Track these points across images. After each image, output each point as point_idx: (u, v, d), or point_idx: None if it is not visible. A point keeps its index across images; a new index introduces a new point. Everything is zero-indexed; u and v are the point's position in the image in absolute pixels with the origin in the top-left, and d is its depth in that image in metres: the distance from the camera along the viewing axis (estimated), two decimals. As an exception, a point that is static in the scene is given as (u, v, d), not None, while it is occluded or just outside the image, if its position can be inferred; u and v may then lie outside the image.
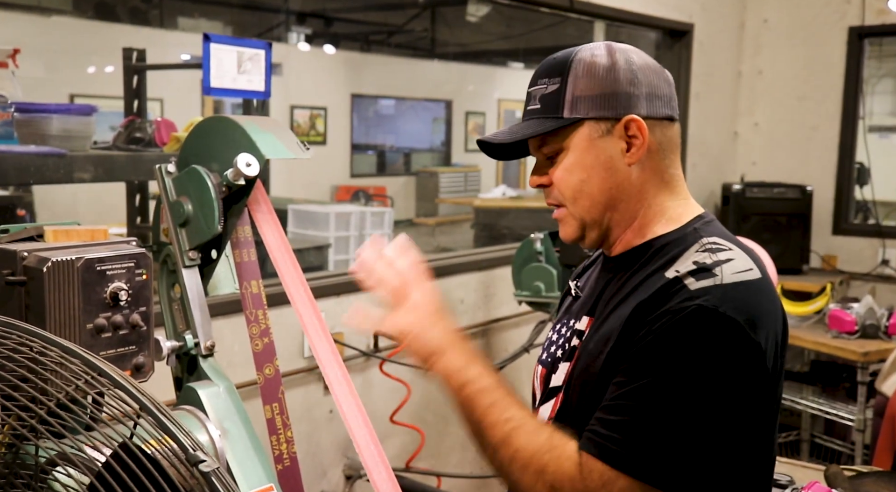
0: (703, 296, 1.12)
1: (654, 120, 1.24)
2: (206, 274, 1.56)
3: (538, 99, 1.27)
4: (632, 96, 1.22)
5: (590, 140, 1.23)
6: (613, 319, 1.22)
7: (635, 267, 1.25)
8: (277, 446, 1.58)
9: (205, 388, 1.46)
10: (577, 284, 1.44)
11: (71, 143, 2.22)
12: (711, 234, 1.24)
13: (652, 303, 1.16)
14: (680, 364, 1.11)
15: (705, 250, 1.20)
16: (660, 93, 1.25)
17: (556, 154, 1.26)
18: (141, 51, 2.79)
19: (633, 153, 1.23)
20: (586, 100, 1.22)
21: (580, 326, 1.32)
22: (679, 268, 1.18)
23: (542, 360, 1.40)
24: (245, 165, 1.44)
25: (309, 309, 1.55)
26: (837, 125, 4.44)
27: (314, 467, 2.71)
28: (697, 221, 1.27)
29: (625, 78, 1.23)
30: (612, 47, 1.26)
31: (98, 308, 1.27)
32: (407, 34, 10.93)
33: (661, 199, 1.27)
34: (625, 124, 1.22)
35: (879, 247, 4.39)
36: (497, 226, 8.51)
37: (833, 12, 4.39)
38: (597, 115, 1.22)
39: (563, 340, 1.36)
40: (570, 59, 1.25)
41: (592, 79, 1.23)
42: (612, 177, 1.24)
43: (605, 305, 1.27)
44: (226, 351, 2.32)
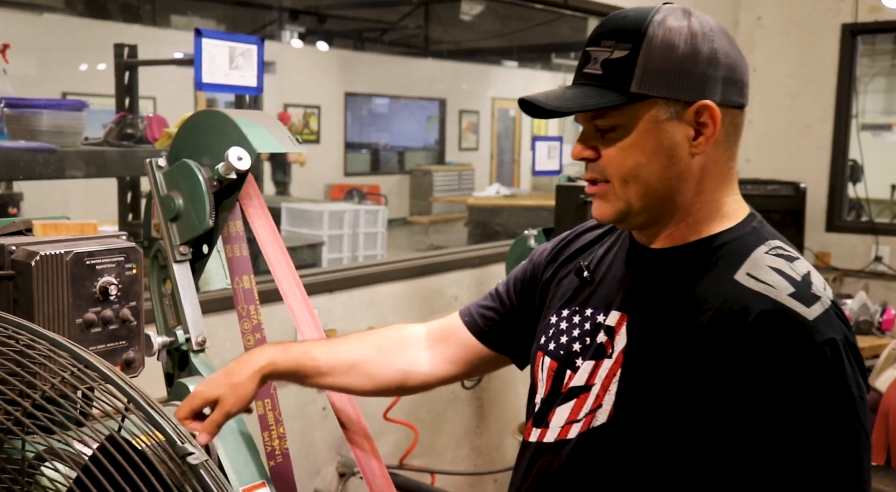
0: (826, 325, 1.04)
1: (726, 107, 1.12)
2: (197, 269, 1.55)
3: (600, 63, 1.11)
4: (709, 79, 1.09)
5: (655, 122, 1.10)
6: (681, 331, 1.10)
7: (692, 267, 1.14)
8: (270, 442, 1.57)
9: (195, 383, 1.44)
10: (586, 265, 1.28)
11: (62, 138, 2.20)
12: (772, 235, 1.17)
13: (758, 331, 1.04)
14: (841, 416, 1.02)
15: (779, 256, 1.11)
16: (736, 78, 1.12)
17: (612, 129, 1.12)
18: (132, 47, 2.77)
19: (701, 143, 1.11)
20: (659, 75, 1.08)
21: (609, 321, 1.19)
22: (753, 272, 1.09)
23: (550, 351, 1.27)
24: (236, 158, 1.43)
25: (301, 305, 1.54)
26: (831, 123, 4.45)
27: (308, 465, 2.69)
28: (752, 219, 1.18)
29: (705, 57, 1.09)
30: (695, 17, 1.11)
31: (87, 303, 1.26)
32: (400, 32, 10.91)
33: (719, 194, 1.16)
34: (697, 109, 1.09)
35: (873, 244, 4.39)
36: (491, 224, 8.50)
37: (826, 10, 4.39)
38: (668, 95, 1.09)
39: (579, 332, 1.23)
40: (647, 23, 1.09)
41: (670, 52, 1.08)
42: (672, 165, 1.11)
43: (650, 306, 1.15)
44: (218, 348, 2.31)
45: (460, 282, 3.30)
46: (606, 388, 1.16)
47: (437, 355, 1.43)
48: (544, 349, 1.28)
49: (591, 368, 1.19)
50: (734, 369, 1.05)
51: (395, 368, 1.41)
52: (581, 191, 2.49)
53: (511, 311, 1.41)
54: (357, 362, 1.38)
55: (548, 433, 1.23)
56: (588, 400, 1.18)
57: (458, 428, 3.31)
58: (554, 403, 1.23)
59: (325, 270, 2.92)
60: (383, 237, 7.93)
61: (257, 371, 1.29)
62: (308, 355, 1.36)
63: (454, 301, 3.26)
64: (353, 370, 1.38)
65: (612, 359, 1.17)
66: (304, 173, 11.57)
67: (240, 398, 1.26)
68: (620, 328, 1.18)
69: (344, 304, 2.79)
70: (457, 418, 3.28)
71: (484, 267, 3.38)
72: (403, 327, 1.48)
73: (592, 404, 1.17)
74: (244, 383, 1.27)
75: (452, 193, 12.72)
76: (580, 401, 1.19)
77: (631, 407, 1.13)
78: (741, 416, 1.04)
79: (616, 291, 1.21)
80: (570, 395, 1.21)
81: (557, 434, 1.21)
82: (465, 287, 3.32)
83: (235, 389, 1.26)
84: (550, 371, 1.26)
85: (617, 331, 1.18)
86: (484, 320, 1.42)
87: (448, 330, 1.44)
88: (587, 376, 1.19)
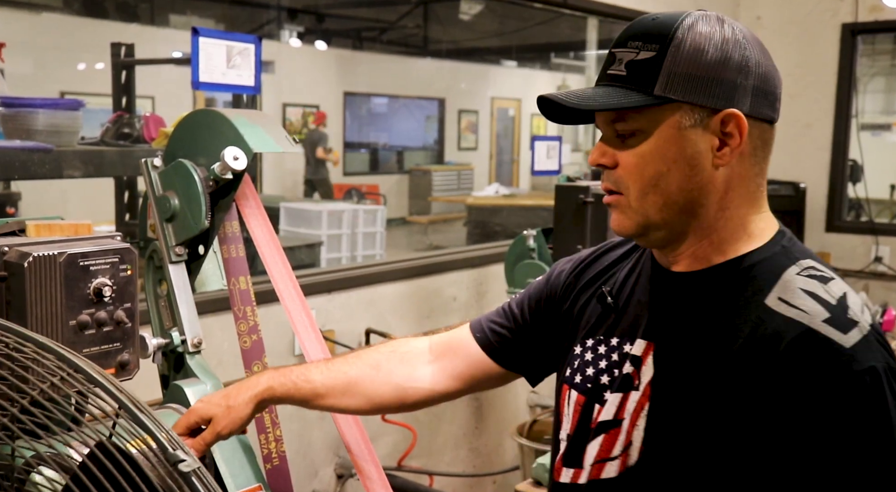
0: (865, 352, 0.97)
1: (755, 120, 1.06)
2: (193, 270, 1.54)
3: (625, 64, 1.06)
4: (738, 87, 1.04)
5: (678, 128, 1.04)
6: (710, 361, 1.05)
7: (719, 291, 1.08)
8: (266, 444, 1.55)
9: (192, 386, 1.43)
10: (609, 291, 1.22)
11: (58, 138, 2.19)
12: (803, 254, 1.10)
13: (792, 361, 0.98)
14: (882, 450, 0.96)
15: (812, 277, 1.05)
16: (768, 90, 1.07)
17: (632, 134, 1.07)
18: (129, 46, 2.76)
19: (725, 154, 1.05)
20: (686, 79, 1.03)
21: (634, 350, 1.14)
22: (785, 296, 1.03)
23: (577, 384, 1.20)
24: (232, 158, 1.41)
25: (298, 306, 1.53)
26: (831, 122, 4.44)
27: (305, 466, 2.68)
28: (781, 237, 1.11)
29: (735, 64, 1.04)
30: (728, 24, 1.07)
31: (81, 304, 1.24)
32: (399, 31, 10.89)
33: (744, 212, 1.10)
34: (723, 118, 1.04)
35: (872, 244, 4.38)
36: (490, 224, 8.48)
37: (826, 9, 4.38)
38: (693, 100, 1.03)
39: (606, 363, 1.17)
40: (677, 25, 1.04)
41: (698, 56, 1.03)
42: (694, 175, 1.05)
43: (677, 334, 1.10)
44: (215, 349, 2.30)
45: (459, 282, 3.29)
46: (635, 423, 1.11)
47: (440, 371, 1.38)
48: (570, 382, 1.22)
49: (619, 400, 1.13)
50: (767, 402, 0.99)
51: (392, 385, 1.37)
52: (580, 191, 2.48)
53: (523, 328, 1.35)
54: (353, 382, 1.35)
55: (582, 474, 1.17)
56: (619, 436, 1.12)
57: (457, 429, 3.30)
58: (585, 440, 1.17)
59: (323, 271, 2.91)
60: (382, 237, 7.92)
61: (254, 396, 1.29)
62: (304, 378, 1.34)
63: (453, 301, 3.25)
64: (349, 391, 1.35)
65: (640, 391, 1.11)
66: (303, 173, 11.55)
67: (233, 420, 1.27)
68: (647, 358, 1.12)
69: (342, 304, 2.78)
70: (455, 418, 3.26)
71: (483, 267, 3.37)
72: (406, 341, 1.43)
73: (624, 440, 1.12)
74: (240, 407, 1.28)
75: (451, 192, 12.71)
76: (610, 437, 1.13)
77: (660, 445, 1.07)
78: (776, 452, 0.99)
79: (641, 319, 1.15)
80: (599, 430, 1.15)
81: (589, 474, 1.15)
82: (464, 287, 3.31)
83: (230, 411, 1.28)
84: (578, 405, 1.20)
85: (643, 361, 1.12)
86: (495, 336, 1.36)
87: (454, 344, 1.39)
88: (615, 410, 1.13)
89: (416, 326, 3.07)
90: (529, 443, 2.90)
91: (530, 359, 1.36)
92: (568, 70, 12.95)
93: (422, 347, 1.41)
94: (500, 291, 3.09)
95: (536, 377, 1.39)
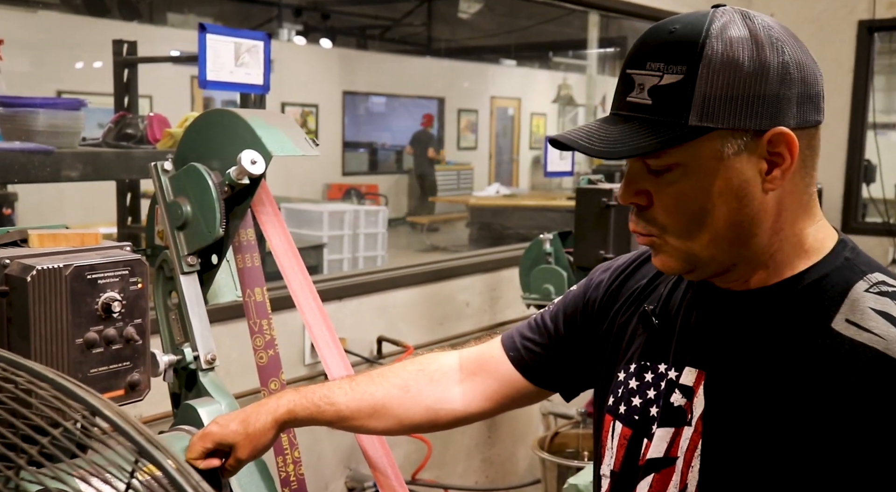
0: None
1: (803, 130, 0.93)
2: (205, 281, 1.44)
3: (648, 91, 0.92)
4: (782, 100, 0.91)
5: (721, 157, 0.92)
6: (768, 393, 0.94)
7: (776, 314, 0.97)
8: (284, 467, 1.46)
9: (205, 405, 1.34)
10: (653, 310, 1.11)
11: (58, 139, 2.10)
12: (869, 266, 0.99)
13: (868, 393, 0.88)
14: None
15: (883, 294, 0.94)
16: (812, 92, 0.94)
17: (668, 169, 0.94)
18: (132, 43, 2.66)
19: (776, 177, 0.93)
20: (723, 103, 0.90)
21: (684, 379, 1.03)
22: (854, 318, 0.92)
23: (622, 415, 1.10)
24: (250, 162, 1.32)
25: (319, 319, 1.44)
26: (847, 122, 4.35)
27: (316, 480, 2.59)
28: (843, 248, 1.00)
29: (776, 74, 0.90)
30: (757, 22, 0.92)
31: (89, 321, 1.15)
32: (400, 30, 10.81)
33: (800, 227, 0.98)
34: (770, 139, 0.92)
35: (890, 246, 4.30)
36: (494, 225, 8.39)
37: (842, 6, 4.30)
38: (735, 125, 0.90)
39: (652, 392, 1.07)
40: (703, 38, 0.90)
41: (735, 74, 0.89)
42: (744, 207, 0.94)
43: (730, 362, 0.99)
44: (223, 359, 2.19)
45: (472, 287, 3.20)
46: (689, 462, 1.00)
47: (471, 390, 1.29)
48: (614, 413, 1.11)
49: (671, 436, 1.02)
50: (839, 439, 0.89)
51: (423, 406, 1.28)
52: (603, 194, 2.39)
53: (559, 344, 1.25)
54: (381, 404, 1.26)
55: None
56: (673, 477, 1.02)
57: (469, 439, 3.21)
58: (633, 478, 1.07)
59: (332, 277, 2.81)
60: (384, 238, 7.83)
61: (275, 421, 1.22)
62: (327, 400, 1.25)
63: (466, 307, 3.16)
64: (377, 413, 1.26)
65: (692, 427, 1.00)
66: (302, 173, 11.46)
67: (255, 447, 1.20)
68: (698, 388, 1.01)
69: (353, 311, 2.68)
70: (468, 428, 3.17)
71: (496, 272, 3.28)
72: (434, 358, 1.34)
73: (679, 482, 1.01)
74: (262, 433, 1.21)
75: (451, 192, 12.63)
76: (662, 478, 1.03)
77: (718, 487, 0.96)
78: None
79: (689, 343, 1.04)
80: (649, 468, 1.04)
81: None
82: (476, 293, 3.22)
83: (252, 439, 1.20)
84: (623, 439, 1.09)
85: (695, 391, 1.01)
86: (529, 354, 1.26)
87: (485, 362, 1.29)
88: (667, 447, 1.03)
89: (428, 333, 2.98)
90: (552, 457, 2.80)
91: (566, 376, 1.26)
92: (568, 69, 12.87)
93: (451, 364, 1.32)
94: (515, 296, 3.00)
95: (572, 393, 1.30)
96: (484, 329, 3.20)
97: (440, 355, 1.35)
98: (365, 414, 1.25)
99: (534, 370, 1.26)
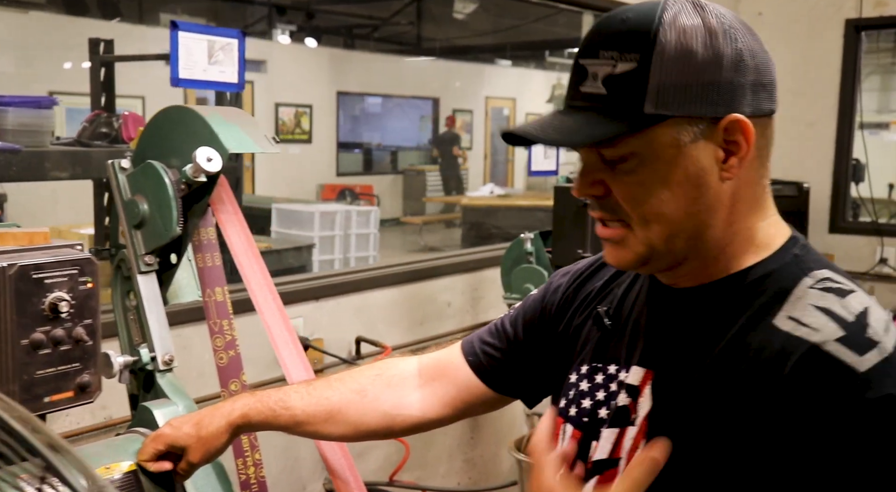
0: (883, 378, 0.84)
1: (758, 118, 0.93)
2: (165, 280, 1.42)
3: (602, 80, 0.91)
4: (736, 88, 0.90)
5: (677, 146, 0.90)
6: (711, 391, 0.92)
7: (722, 310, 0.95)
8: (244, 470, 1.44)
9: (161, 407, 1.32)
10: (606, 311, 1.09)
11: (29, 138, 2.07)
12: (817, 263, 0.96)
13: (796, 385, 0.86)
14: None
15: (828, 290, 0.91)
16: (766, 80, 0.93)
17: (623, 159, 0.92)
18: (108, 42, 2.64)
19: (733, 165, 0.92)
20: (678, 90, 0.88)
21: (631, 379, 1.01)
22: (795, 314, 0.90)
23: (572, 417, 1.08)
24: (205, 159, 1.30)
25: (278, 320, 1.41)
26: (834, 121, 4.33)
27: (292, 482, 2.56)
28: (793, 244, 0.98)
29: (730, 62, 0.90)
30: (710, 11, 0.92)
31: (35, 321, 1.13)
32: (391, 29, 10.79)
33: (753, 220, 0.97)
34: (726, 126, 0.91)
35: (877, 245, 4.28)
36: (485, 225, 8.37)
37: (829, 4, 4.28)
38: (691, 113, 0.89)
39: (602, 394, 1.05)
40: (656, 25, 0.89)
41: (689, 61, 0.88)
42: (701, 196, 0.92)
43: (676, 360, 0.97)
44: (196, 360, 2.18)
45: (454, 287, 3.17)
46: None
47: (431, 396, 1.26)
48: (565, 415, 1.09)
49: (615, 437, 1.00)
50: (770, 435, 0.87)
51: (380, 412, 1.25)
52: (580, 193, 2.36)
53: (518, 349, 1.22)
54: (337, 409, 1.23)
55: None
56: (616, 478, 0.97)
57: (451, 440, 3.18)
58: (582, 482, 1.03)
59: (311, 277, 2.79)
60: (376, 238, 7.80)
61: (228, 424, 1.19)
62: (283, 405, 1.22)
63: (447, 307, 3.14)
64: (332, 418, 1.23)
65: (636, 427, 0.98)
66: (296, 173, 11.44)
67: (208, 451, 1.19)
68: (644, 388, 0.99)
69: (331, 311, 2.66)
70: (450, 429, 3.14)
71: (479, 272, 3.26)
72: (393, 363, 1.31)
73: None
74: (215, 436, 1.19)
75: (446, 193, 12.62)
76: (605, 479, 1.00)
77: (659, 488, 0.90)
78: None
79: (637, 342, 1.02)
80: (594, 470, 1.01)
81: None
82: (458, 292, 3.19)
83: (204, 442, 1.18)
84: (573, 440, 1.06)
85: (641, 391, 0.99)
86: (488, 359, 1.24)
87: (444, 367, 1.27)
88: (611, 448, 1.00)
89: (408, 333, 2.95)
90: (528, 459, 2.78)
91: (526, 382, 1.24)
92: (563, 69, 12.86)
93: (410, 370, 1.29)
94: (497, 296, 2.98)
95: (533, 400, 1.27)
96: (465, 330, 3.18)
97: (400, 361, 1.32)
98: (321, 419, 1.23)
99: (492, 375, 1.23)
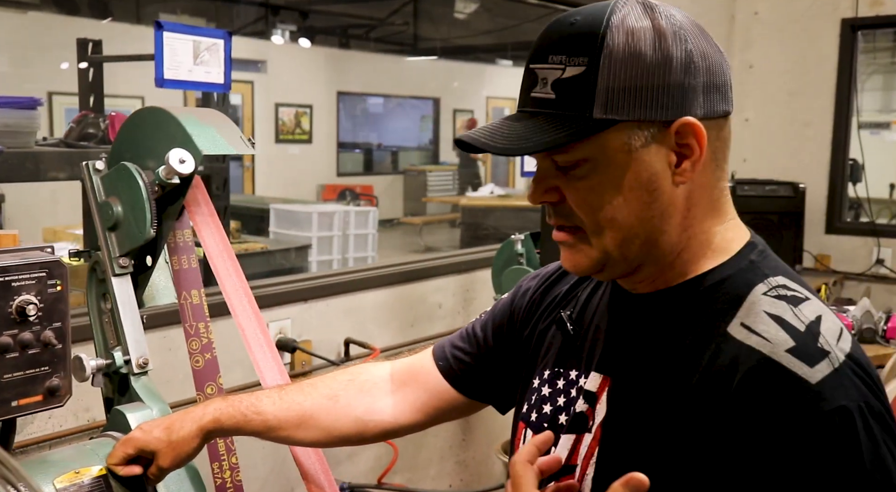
0: (835, 389, 0.83)
1: (711, 120, 0.91)
2: (140, 283, 1.41)
3: (551, 85, 0.90)
4: (687, 90, 0.89)
5: (628, 151, 0.89)
6: (664, 399, 0.91)
7: (677, 315, 0.95)
8: (220, 473, 1.43)
9: (135, 411, 1.30)
10: (569, 316, 1.08)
11: (13, 139, 2.07)
12: (774, 270, 0.95)
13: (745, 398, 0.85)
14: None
15: (780, 298, 0.90)
16: (719, 82, 0.91)
17: (576, 165, 0.91)
18: (97, 42, 2.63)
19: (686, 169, 0.91)
20: (627, 94, 0.87)
21: (589, 385, 1.00)
22: (748, 321, 0.89)
23: (533, 422, 1.07)
24: (178, 161, 1.29)
25: (253, 324, 1.40)
26: (830, 121, 4.31)
27: (280, 484, 2.55)
28: (750, 250, 0.97)
29: (679, 64, 0.88)
30: (659, 13, 0.90)
31: (2, 325, 1.12)
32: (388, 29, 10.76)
33: (709, 224, 0.95)
34: (677, 130, 0.89)
35: (874, 246, 4.26)
36: (483, 225, 8.36)
37: (825, 3, 4.26)
38: (640, 117, 0.88)
39: (562, 400, 1.04)
40: (603, 28, 0.88)
41: (637, 64, 0.87)
42: (654, 201, 0.91)
43: (632, 367, 0.97)
44: (182, 362, 2.16)
45: (445, 288, 3.16)
46: (585, 470, 0.97)
47: (402, 402, 1.26)
48: (527, 420, 1.08)
49: (572, 443, 1.00)
50: (720, 448, 0.85)
51: (351, 417, 1.24)
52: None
53: (487, 354, 1.22)
54: (309, 414, 1.23)
55: None
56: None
57: (443, 441, 3.17)
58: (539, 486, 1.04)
59: (300, 278, 2.77)
60: (374, 239, 7.79)
61: (199, 429, 1.18)
62: (255, 410, 1.21)
63: (438, 309, 3.12)
64: (304, 424, 1.22)
65: (591, 434, 0.98)
66: (297, 174, 11.44)
67: (178, 456, 1.17)
68: (602, 395, 0.98)
69: (321, 313, 2.65)
70: (441, 430, 3.13)
71: (470, 273, 3.24)
72: (365, 369, 1.31)
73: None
74: (185, 441, 1.17)
75: (447, 193, 12.60)
76: (561, 485, 0.99)
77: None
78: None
79: (595, 346, 1.02)
80: (551, 476, 0.99)
81: None
82: (450, 294, 3.18)
83: (174, 446, 1.17)
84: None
85: (598, 398, 0.98)
86: (458, 364, 1.23)
87: (416, 372, 1.27)
88: (568, 454, 1.00)
89: (399, 335, 2.94)
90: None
91: (496, 387, 1.23)
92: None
93: (382, 375, 1.29)
94: (488, 297, 2.97)
95: (505, 405, 1.26)
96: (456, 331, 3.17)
97: (372, 366, 1.32)
98: (292, 424, 1.22)
99: (462, 380, 1.23)
